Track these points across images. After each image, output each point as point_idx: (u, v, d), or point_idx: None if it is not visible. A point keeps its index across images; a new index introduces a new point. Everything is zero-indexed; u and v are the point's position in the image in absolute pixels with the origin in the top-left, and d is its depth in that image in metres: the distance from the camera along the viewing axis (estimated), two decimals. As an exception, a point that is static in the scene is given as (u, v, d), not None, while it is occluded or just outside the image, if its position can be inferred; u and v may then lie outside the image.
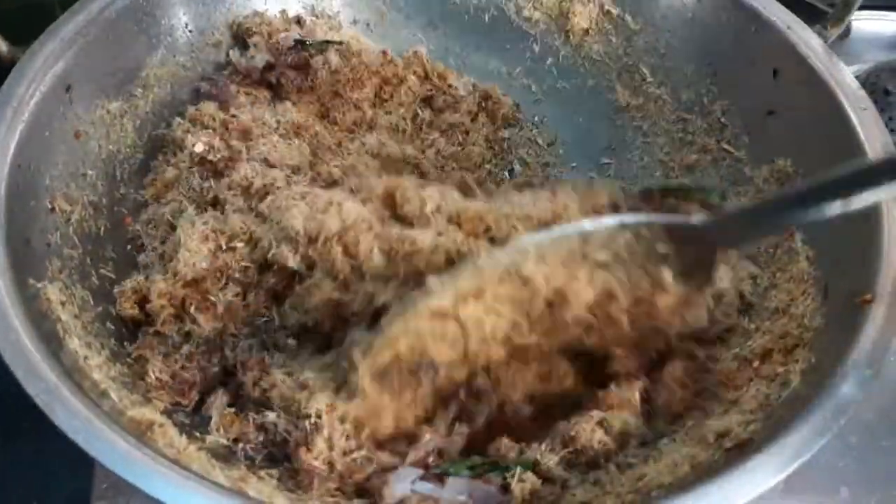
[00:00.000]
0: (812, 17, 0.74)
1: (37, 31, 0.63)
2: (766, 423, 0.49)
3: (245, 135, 0.68)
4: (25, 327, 0.48)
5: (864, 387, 0.47)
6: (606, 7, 0.79)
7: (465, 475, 0.52)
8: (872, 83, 0.87)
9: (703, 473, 0.46)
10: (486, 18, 0.83)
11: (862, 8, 0.97)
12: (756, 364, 0.56)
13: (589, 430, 0.53)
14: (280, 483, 0.52)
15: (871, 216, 0.56)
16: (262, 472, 0.52)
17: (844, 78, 0.64)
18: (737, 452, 0.47)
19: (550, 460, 0.52)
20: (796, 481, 0.65)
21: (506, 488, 0.51)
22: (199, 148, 0.65)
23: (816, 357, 0.52)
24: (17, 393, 0.69)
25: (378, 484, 0.52)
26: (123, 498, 0.61)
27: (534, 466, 0.53)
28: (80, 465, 0.61)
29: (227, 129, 0.68)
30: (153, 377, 0.55)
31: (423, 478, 0.52)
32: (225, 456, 0.53)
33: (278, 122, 0.70)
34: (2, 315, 0.48)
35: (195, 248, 0.58)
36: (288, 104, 0.73)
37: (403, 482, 0.52)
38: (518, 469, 0.52)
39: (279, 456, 0.54)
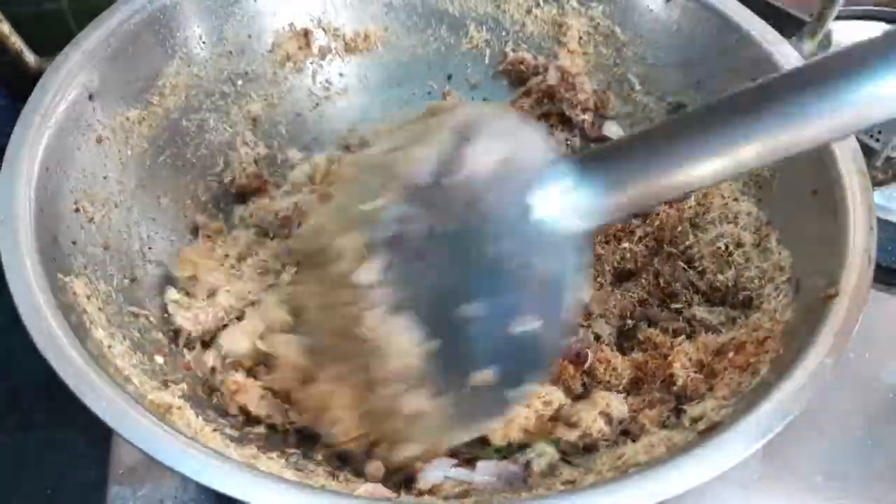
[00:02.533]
0: (793, 25, 0.78)
1: (51, 38, 0.67)
2: (736, 407, 0.53)
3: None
4: (55, 317, 0.51)
5: (825, 374, 0.51)
6: (596, 20, 0.83)
7: (494, 458, 0.56)
8: (853, 91, 0.91)
9: (677, 452, 0.50)
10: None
11: (843, 18, 1.01)
12: (731, 355, 0.60)
13: (590, 420, 0.57)
14: (287, 462, 0.56)
15: (839, 215, 0.60)
16: (272, 454, 0.56)
17: (818, 88, 0.68)
18: (708, 433, 0.51)
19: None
20: (774, 468, 0.69)
21: (528, 464, 0.56)
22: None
23: (784, 348, 0.56)
24: (32, 387, 0.73)
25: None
26: (138, 482, 0.65)
27: (557, 443, 0.57)
28: (92, 456, 0.65)
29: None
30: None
31: (455, 465, 0.56)
32: (238, 438, 0.57)
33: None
34: (35, 306, 0.51)
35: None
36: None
37: (437, 472, 0.56)
38: (542, 445, 0.56)
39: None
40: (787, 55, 0.70)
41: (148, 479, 0.65)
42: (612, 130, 0.81)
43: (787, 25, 0.79)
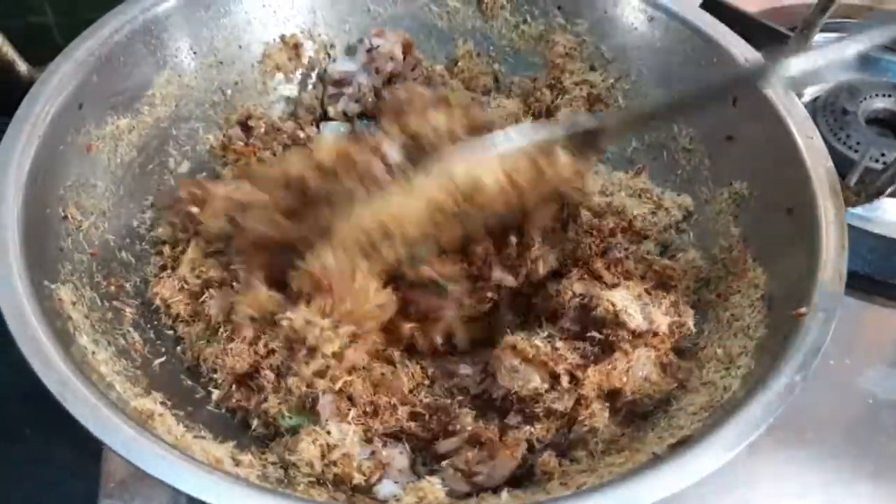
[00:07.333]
0: (775, 40, 0.79)
1: (36, 50, 0.68)
2: (707, 421, 0.54)
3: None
4: (41, 324, 0.53)
5: (794, 391, 0.52)
6: (582, 36, 0.84)
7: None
8: (832, 103, 0.92)
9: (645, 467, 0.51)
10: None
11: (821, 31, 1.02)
12: (704, 372, 0.62)
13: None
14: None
15: (812, 234, 0.61)
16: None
17: (796, 108, 0.69)
18: (679, 447, 0.52)
19: None
20: (758, 469, 0.70)
21: None
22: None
23: (755, 364, 0.58)
24: (20, 402, 0.73)
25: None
26: (129, 495, 0.65)
27: None
28: (79, 471, 0.64)
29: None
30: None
31: None
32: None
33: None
34: (19, 313, 0.53)
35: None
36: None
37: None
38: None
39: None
40: (765, 75, 0.72)
41: (139, 493, 0.64)
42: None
43: (768, 39, 0.80)
